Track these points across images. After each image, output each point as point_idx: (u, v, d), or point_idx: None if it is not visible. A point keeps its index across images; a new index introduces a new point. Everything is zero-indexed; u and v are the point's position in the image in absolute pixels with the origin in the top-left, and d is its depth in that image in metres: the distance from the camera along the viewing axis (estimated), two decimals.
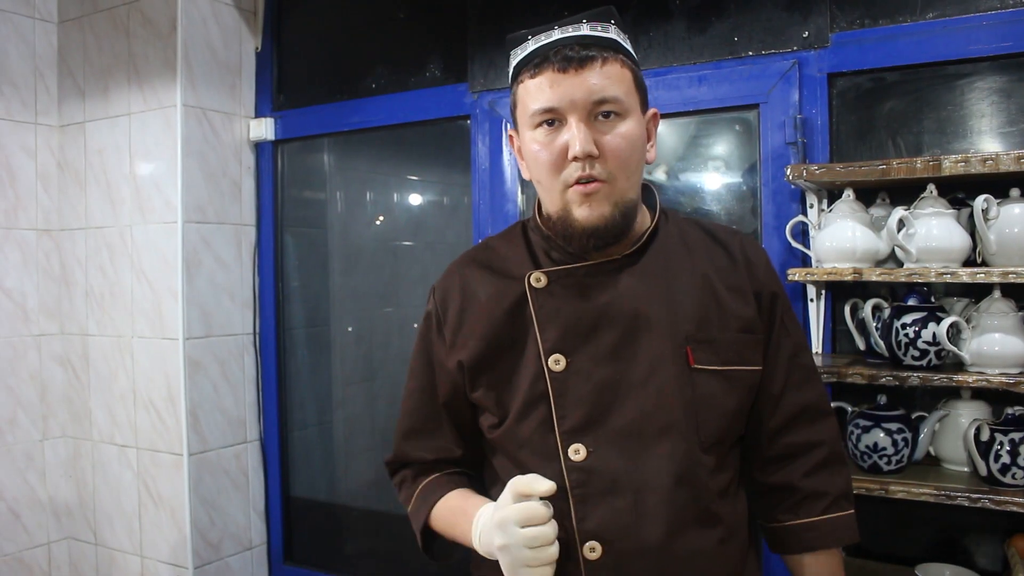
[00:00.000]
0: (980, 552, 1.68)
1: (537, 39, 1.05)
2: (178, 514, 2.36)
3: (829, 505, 1.12)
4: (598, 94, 1.01)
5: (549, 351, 1.07)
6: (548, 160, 1.04)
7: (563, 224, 1.06)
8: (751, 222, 1.93)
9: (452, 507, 1.14)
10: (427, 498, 1.17)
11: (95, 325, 2.52)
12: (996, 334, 1.50)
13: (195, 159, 2.37)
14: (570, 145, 1.01)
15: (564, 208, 1.06)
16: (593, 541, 1.03)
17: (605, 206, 1.04)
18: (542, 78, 1.03)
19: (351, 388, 2.74)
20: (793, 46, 1.82)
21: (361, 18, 2.47)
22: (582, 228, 1.05)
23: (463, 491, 1.16)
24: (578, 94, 1.01)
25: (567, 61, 1.01)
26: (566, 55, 1.02)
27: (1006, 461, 1.47)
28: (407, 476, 1.22)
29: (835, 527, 1.12)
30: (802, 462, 1.13)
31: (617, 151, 1.03)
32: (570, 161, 1.03)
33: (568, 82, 1.01)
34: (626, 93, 1.04)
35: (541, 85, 1.03)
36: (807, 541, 1.13)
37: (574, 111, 1.02)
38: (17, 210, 2.49)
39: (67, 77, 2.56)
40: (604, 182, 1.03)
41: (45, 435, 2.56)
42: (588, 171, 1.02)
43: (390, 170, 2.70)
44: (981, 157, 1.45)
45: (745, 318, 1.10)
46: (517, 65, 1.08)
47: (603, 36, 1.04)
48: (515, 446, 1.10)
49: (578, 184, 1.03)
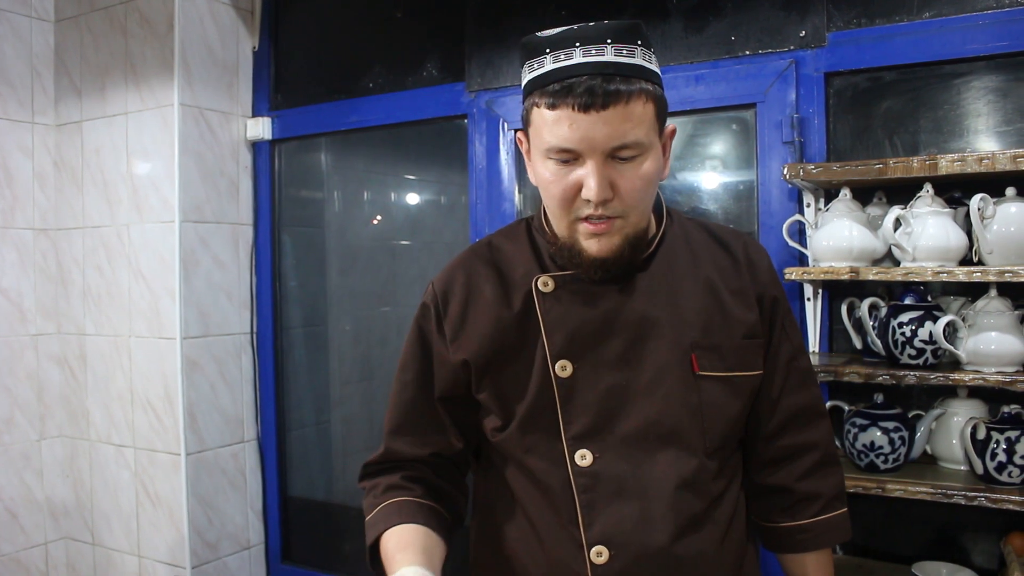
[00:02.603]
0: (977, 550, 1.69)
1: (556, 57, 0.98)
2: (176, 514, 2.35)
3: (823, 507, 1.14)
4: (618, 140, 0.96)
5: (556, 357, 1.07)
6: (559, 194, 1.01)
7: (570, 252, 1.05)
8: (748, 221, 1.93)
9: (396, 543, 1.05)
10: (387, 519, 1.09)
11: (92, 325, 2.52)
12: (992, 333, 1.50)
13: (192, 158, 2.37)
14: (585, 186, 0.98)
15: (572, 238, 1.04)
16: (600, 546, 1.03)
17: (616, 239, 1.02)
18: (560, 113, 0.96)
19: (349, 387, 2.74)
20: (790, 45, 1.82)
21: (358, 17, 2.47)
22: (591, 260, 1.03)
23: (412, 529, 1.07)
24: (598, 137, 0.96)
25: (590, 99, 0.94)
26: (589, 89, 0.94)
27: (1002, 459, 1.47)
28: (378, 484, 1.14)
29: (828, 528, 1.14)
30: (797, 464, 1.14)
31: (633, 192, 1.00)
32: (583, 200, 0.99)
33: (588, 124, 0.95)
34: (647, 132, 0.98)
35: (559, 121, 0.96)
36: (802, 542, 1.15)
37: (593, 154, 0.97)
38: (14, 209, 2.48)
39: (64, 76, 2.55)
40: (617, 218, 1.01)
41: (42, 435, 2.55)
42: (600, 211, 0.99)
43: (387, 170, 2.70)
44: (977, 156, 1.45)
45: (748, 323, 1.11)
46: (533, 81, 1.01)
47: (628, 63, 0.97)
48: (521, 451, 1.09)
49: (588, 222, 1.01)
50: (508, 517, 1.14)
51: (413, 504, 1.10)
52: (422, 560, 1.00)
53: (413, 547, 1.03)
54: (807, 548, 1.15)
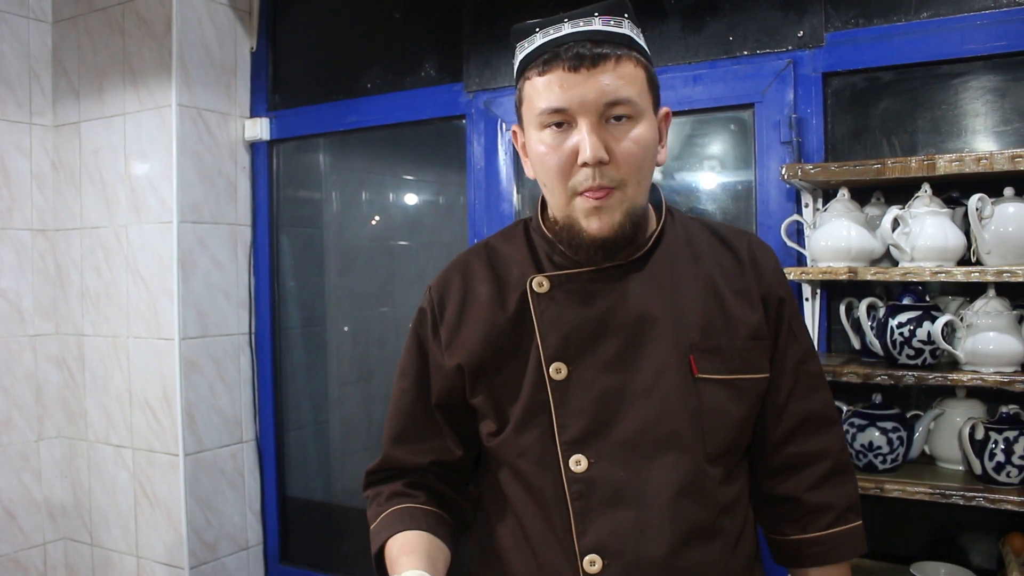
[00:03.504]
0: (975, 550, 1.69)
1: (545, 32, 1.00)
2: (174, 514, 2.35)
3: (835, 519, 1.09)
4: (610, 96, 0.96)
5: (550, 359, 1.04)
6: (556, 164, 0.99)
7: (569, 233, 1.02)
8: (746, 221, 1.93)
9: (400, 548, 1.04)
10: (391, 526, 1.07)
11: (90, 325, 2.51)
12: (991, 333, 1.50)
13: (190, 159, 2.36)
14: (580, 149, 0.96)
15: (570, 216, 1.01)
16: (593, 554, 1.00)
17: (616, 215, 0.99)
18: (551, 76, 0.97)
19: (347, 388, 2.74)
20: (788, 45, 1.82)
21: (356, 18, 2.47)
22: (591, 239, 1.00)
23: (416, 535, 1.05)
24: (590, 95, 0.96)
25: (578, 59, 0.96)
26: (578, 53, 0.96)
27: (1000, 459, 1.47)
28: (382, 492, 1.13)
29: (841, 541, 1.09)
30: (807, 474, 1.10)
31: (629, 156, 0.98)
32: (579, 167, 0.98)
33: (579, 82, 0.96)
34: (639, 94, 0.99)
35: (550, 84, 0.97)
36: (813, 556, 1.10)
37: (585, 113, 0.96)
38: (12, 210, 2.48)
39: (62, 77, 2.55)
40: (614, 189, 0.98)
41: (40, 435, 2.55)
42: (598, 180, 0.97)
43: (386, 170, 2.70)
44: (975, 156, 1.45)
45: (752, 324, 1.07)
46: (524, 59, 1.02)
47: (616, 32, 0.98)
48: (514, 455, 1.06)
49: (588, 193, 0.98)
50: (502, 523, 1.11)
51: (417, 511, 1.09)
52: (424, 565, 0.98)
53: (416, 552, 1.01)
54: (818, 563, 1.09)
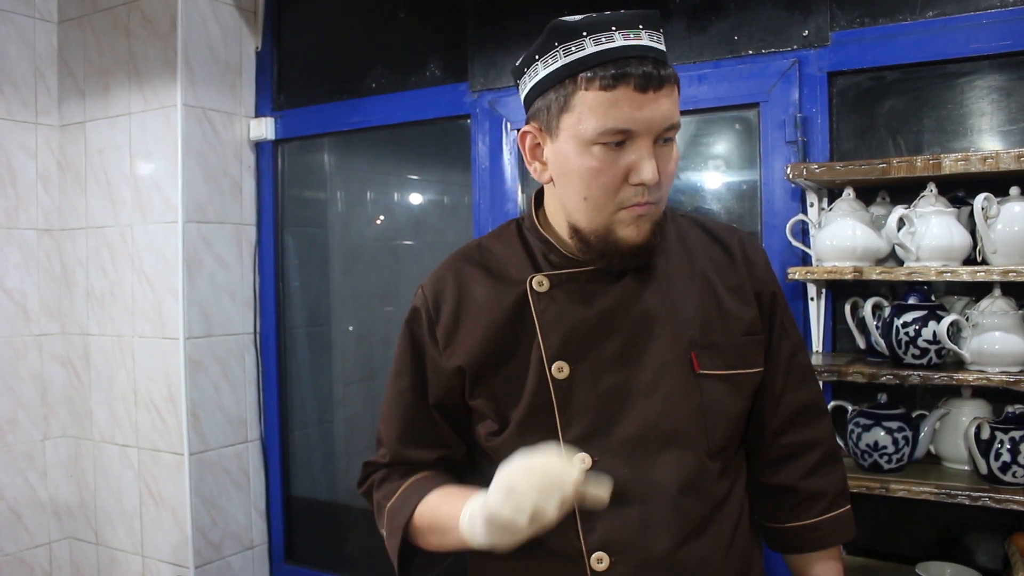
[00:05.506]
0: (981, 550, 1.69)
1: (596, 40, 0.95)
2: (179, 514, 2.36)
3: (828, 504, 1.13)
4: (670, 120, 0.97)
5: (552, 358, 1.04)
6: (610, 182, 0.98)
7: (603, 242, 1.02)
8: (751, 221, 1.93)
9: (443, 494, 1.07)
10: (416, 492, 1.09)
11: (96, 325, 2.52)
12: (996, 332, 1.50)
13: (195, 159, 2.37)
14: (638, 170, 0.96)
15: (608, 227, 1.01)
16: (600, 552, 1.01)
17: (649, 224, 1.02)
18: (619, 94, 0.94)
19: (352, 387, 2.74)
20: (793, 45, 1.82)
21: (361, 17, 2.47)
22: (629, 247, 1.01)
23: (446, 489, 1.08)
24: (656, 119, 0.96)
25: (647, 80, 0.94)
26: (646, 73, 0.94)
27: (1006, 459, 1.47)
28: (393, 473, 1.14)
29: (835, 526, 1.13)
30: (801, 463, 1.13)
31: (670, 176, 1.01)
32: (631, 185, 0.98)
33: (646, 104, 0.95)
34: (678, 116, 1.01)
35: (617, 102, 0.94)
36: (808, 542, 1.14)
37: (647, 135, 0.96)
38: (18, 210, 2.49)
39: (67, 77, 2.56)
40: (655, 204, 1.01)
41: (46, 435, 2.56)
42: (647, 197, 0.98)
43: (390, 170, 2.71)
44: (981, 156, 1.45)
45: (747, 320, 1.09)
46: (572, 64, 0.96)
47: (661, 49, 0.99)
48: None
49: (634, 207, 0.99)
50: None
51: (436, 478, 1.11)
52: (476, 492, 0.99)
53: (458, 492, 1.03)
54: (815, 547, 1.14)
